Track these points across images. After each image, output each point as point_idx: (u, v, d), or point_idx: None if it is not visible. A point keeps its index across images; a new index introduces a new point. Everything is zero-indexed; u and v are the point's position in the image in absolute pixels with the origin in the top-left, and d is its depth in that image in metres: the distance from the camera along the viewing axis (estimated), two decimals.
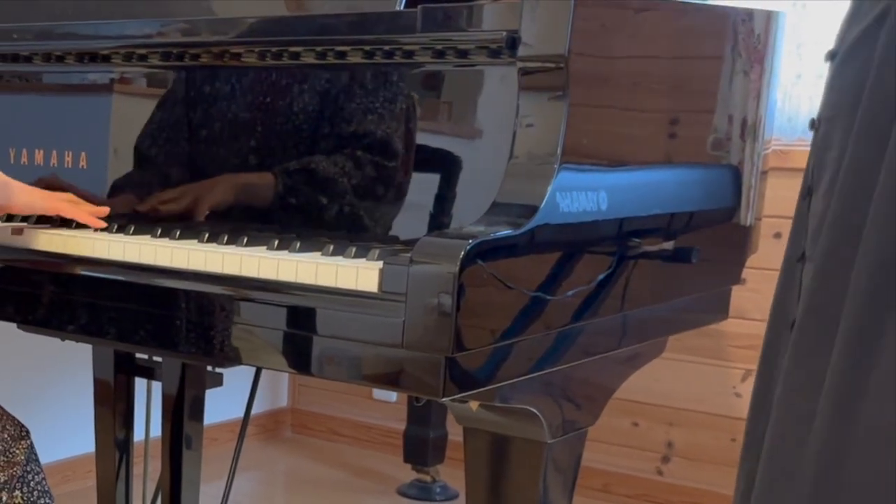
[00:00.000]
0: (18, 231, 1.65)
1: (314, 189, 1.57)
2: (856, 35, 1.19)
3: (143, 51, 1.74)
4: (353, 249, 1.41)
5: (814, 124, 1.21)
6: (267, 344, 1.44)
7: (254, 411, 2.35)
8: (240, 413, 3.10)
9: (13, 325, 1.85)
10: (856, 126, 1.14)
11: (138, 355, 2.10)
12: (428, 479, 3.33)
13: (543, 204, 1.35)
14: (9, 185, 1.63)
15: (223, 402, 2.52)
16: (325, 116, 1.58)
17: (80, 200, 1.72)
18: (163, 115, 1.74)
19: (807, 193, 1.21)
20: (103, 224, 1.66)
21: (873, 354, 1.11)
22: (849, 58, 1.19)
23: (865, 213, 1.12)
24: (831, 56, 1.22)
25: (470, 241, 1.25)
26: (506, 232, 1.31)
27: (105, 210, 1.69)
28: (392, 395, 3.73)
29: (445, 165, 1.51)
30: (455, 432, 3.15)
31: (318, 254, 1.43)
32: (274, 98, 1.63)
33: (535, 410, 1.49)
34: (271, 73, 1.63)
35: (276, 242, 1.48)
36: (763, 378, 1.34)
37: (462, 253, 1.24)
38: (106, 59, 1.78)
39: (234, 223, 1.62)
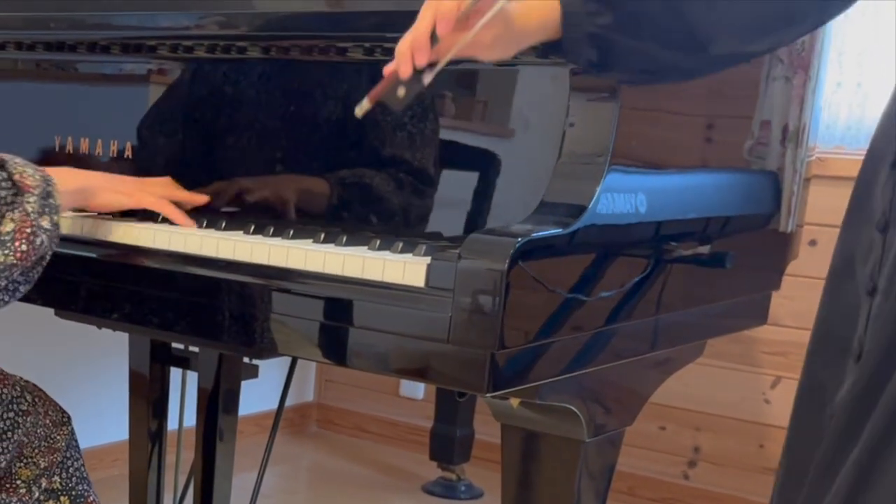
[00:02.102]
0: (78, 220, 1.64)
1: (360, 184, 1.58)
2: None
3: (188, 42, 1.75)
4: (400, 244, 1.42)
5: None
6: (308, 336, 1.45)
7: None
8: (264, 407, 3.12)
9: (51, 312, 1.87)
10: None
11: (174, 345, 2.12)
12: (453, 477, 3.34)
13: (591, 204, 1.35)
14: (86, 190, 1.61)
15: (248, 396, 2.53)
16: (371, 113, 1.59)
17: (178, 186, 1.69)
18: (207, 107, 1.75)
19: (884, 228, 1.20)
20: (193, 224, 1.61)
21: None
22: None
23: None
24: None
25: (519, 238, 1.26)
26: (553, 231, 1.32)
27: (204, 198, 1.67)
28: (419, 393, 3.73)
29: (490, 164, 1.52)
30: (481, 431, 3.16)
31: (365, 248, 1.44)
32: (319, 93, 1.64)
33: (574, 409, 1.50)
34: (317, 68, 1.64)
35: (322, 236, 1.49)
36: (804, 402, 1.33)
37: (511, 251, 1.25)
38: (151, 49, 1.80)
39: (278, 216, 1.63)
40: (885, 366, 1.13)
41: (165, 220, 1.65)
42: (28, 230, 1.44)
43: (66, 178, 1.56)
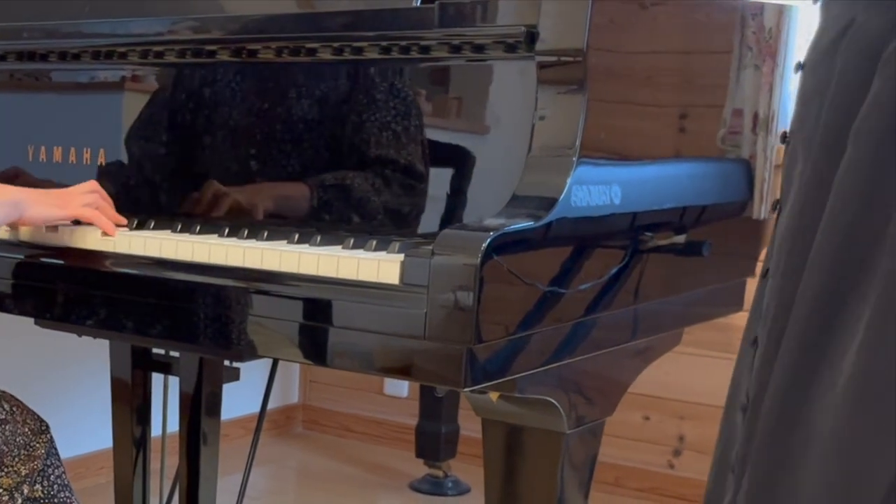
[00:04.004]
0: (53, 228, 1.64)
1: (334, 183, 1.58)
2: (820, 47, 1.18)
3: (159, 48, 1.75)
4: (374, 242, 1.42)
5: (784, 138, 1.21)
6: (287, 337, 1.45)
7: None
8: (249, 409, 3.12)
9: (31, 322, 1.87)
10: (816, 140, 1.14)
11: (155, 350, 2.12)
12: (440, 473, 3.35)
13: (562, 196, 1.36)
14: (20, 203, 1.60)
15: (233, 399, 2.54)
16: (342, 113, 1.59)
17: (104, 194, 1.69)
18: (181, 112, 1.75)
19: (775, 207, 1.22)
20: (117, 231, 1.62)
21: (817, 367, 1.12)
22: (812, 71, 1.19)
23: (816, 228, 1.12)
24: (799, 68, 1.22)
25: (491, 233, 1.27)
26: (525, 224, 1.32)
27: (123, 221, 1.66)
28: (403, 391, 3.74)
29: (461, 160, 1.52)
30: (467, 427, 3.17)
31: (339, 247, 1.44)
32: (291, 94, 1.64)
33: (554, 401, 1.51)
34: (289, 69, 1.65)
35: (297, 236, 1.50)
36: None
37: (483, 245, 1.25)
38: (122, 56, 1.80)
39: (253, 218, 1.64)
40: (771, 345, 1.15)
41: (140, 226, 1.65)
42: None
43: None
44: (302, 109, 1.63)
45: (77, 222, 1.68)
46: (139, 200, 1.73)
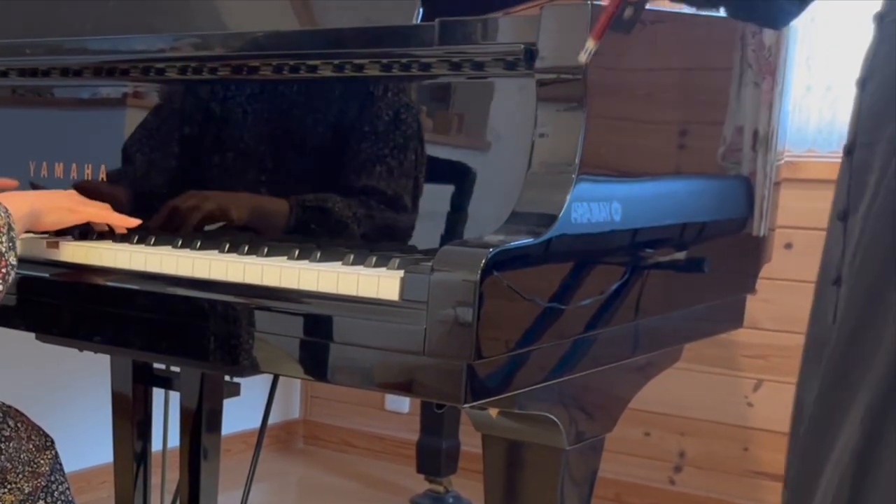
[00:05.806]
0: (54, 244, 1.65)
1: (334, 199, 1.59)
2: (887, 61, 1.19)
3: (160, 65, 1.76)
4: (374, 259, 1.43)
5: (848, 150, 1.22)
6: (287, 352, 1.45)
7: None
8: (251, 425, 3.12)
9: (32, 336, 1.88)
10: None
11: (156, 365, 2.12)
12: (441, 489, 3.33)
13: (562, 213, 1.36)
14: (34, 212, 1.62)
15: (234, 414, 2.54)
16: (342, 129, 1.60)
17: (112, 211, 1.72)
18: (182, 128, 1.76)
19: (843, 216, 1.21)
20: (138, 221, 1.67)
21: None
22: (884, 85, 1.19)
23: None
24: (862, 84, 1.23)
25: (490, 249, 1.27)
26: (525, 241, 1.33)
27: (135, 222, 1.69)
28: (404, 406, 3.74)
29: (462, 176, 1.53)
30: (468, 442, 3.16)
31: (339, 263, 1.45)
32: (291, 111, 1.65)
33: (553, 417, 1.51)
34: (289, 86, 1.65)
35: (297, 252, 1.50)
36: (797, 403, 1.34)
37: (483, 261, 1.25)
38: (124, 73, 1.80)
39: (254, 234, 1.64)
40: (850, 356, 1.14)
41: (140, 242, 1.66)
42: (4, 270, 1.45)
43: (16, 205, 1.57)
44: (302, 126, 1.63)
45: (81, 235, 1.69)
46: (140, 216, 1.73)
